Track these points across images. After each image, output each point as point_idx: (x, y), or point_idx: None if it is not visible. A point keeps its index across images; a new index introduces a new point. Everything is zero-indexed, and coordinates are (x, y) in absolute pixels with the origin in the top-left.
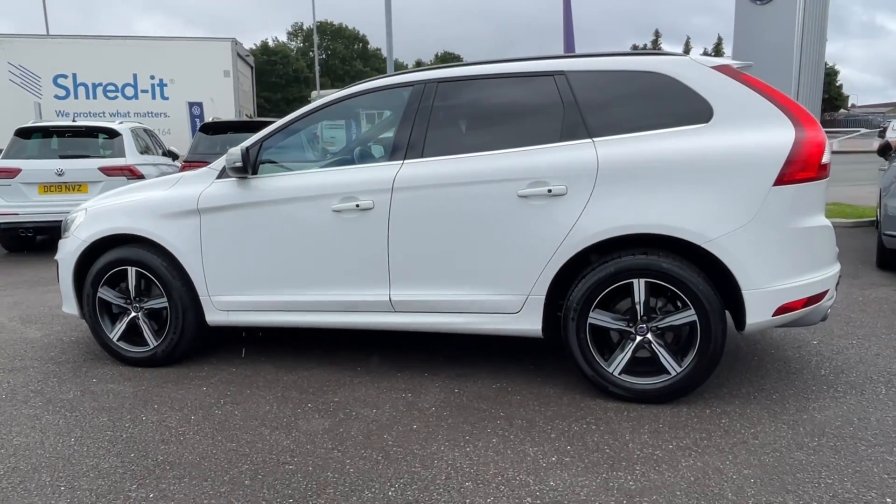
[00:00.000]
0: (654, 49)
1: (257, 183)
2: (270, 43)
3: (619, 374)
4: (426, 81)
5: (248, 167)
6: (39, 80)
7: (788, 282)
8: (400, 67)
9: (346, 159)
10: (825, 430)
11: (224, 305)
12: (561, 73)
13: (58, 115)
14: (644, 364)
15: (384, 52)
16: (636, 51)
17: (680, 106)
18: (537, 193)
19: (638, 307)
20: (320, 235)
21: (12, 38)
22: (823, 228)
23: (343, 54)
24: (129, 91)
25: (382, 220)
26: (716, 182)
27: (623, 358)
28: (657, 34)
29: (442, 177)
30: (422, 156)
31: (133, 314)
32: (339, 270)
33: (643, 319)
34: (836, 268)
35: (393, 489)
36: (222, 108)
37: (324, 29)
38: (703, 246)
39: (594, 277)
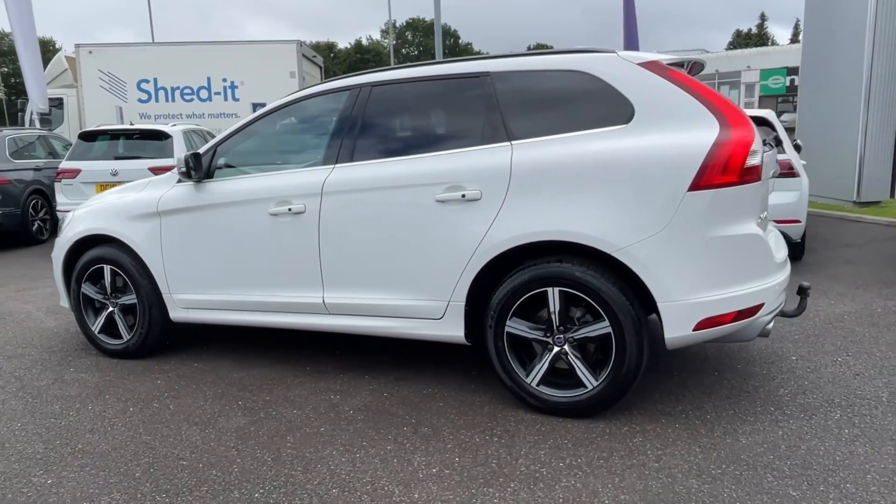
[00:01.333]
0: (759, 32)
1: (208, 187)
2: (364, 41)
3: (537, 385)
4: (361, 85)
5: (192, 172)
6: (125, 85)
7: (710, 294)
8: None
9: (289, 163)
10: (740, 457)
11: (183, 303)
12: (486, 74)
13: (140, 118)
14: (565, 376)
15: (475, 46)
16: (565, 48)
17: (601, 106)
18: (453, 198)
19: (553, 317)
20: (260, 238)
21: (102, 48)
22: (750, 237)
23: (433, 51)
24: (204, 94)
25: (313, 224)
26: (628, 187)
27: (540, 369)
28: (763, 17)
29: (367, 181)
30: (352, 160)
31: (110, 309)
32: (278, 272)
33: (559, 330)
34: (776, 280)
35: (261, 491)
36: None
37: (416, 25)
38: (613, 255)
39: (510, 285)
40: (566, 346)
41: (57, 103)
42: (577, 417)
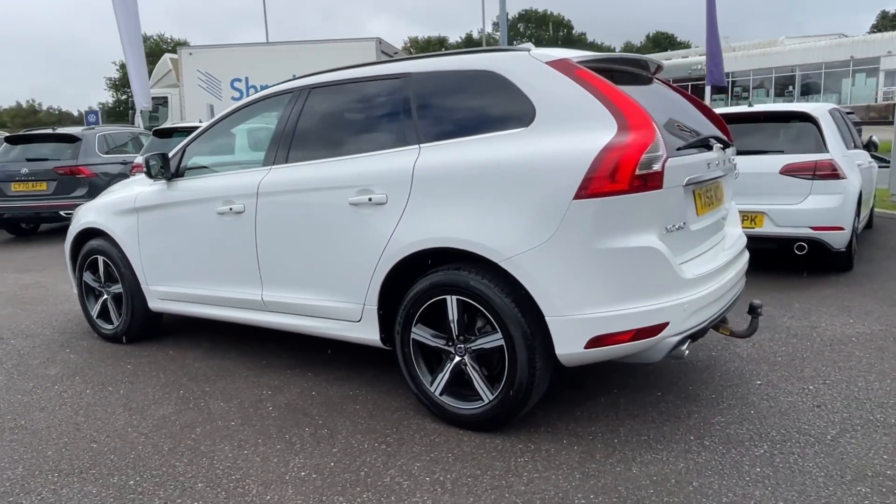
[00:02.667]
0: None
1: (177, 185)
2: (475, 35)
3: (440, 394)
4: (300, 88)
5: (152, 172)
6: (220, 83)
7: (602, 311)
8: (607, 52)
9: (241, 163)
10: (616, 488)
11: (158, 294)
12: (406, 75)
13: None
14: (469, 387)
15: (590, 37)
16: (480, 48)
17: (506, 108)
18: (362, 202)
19: (452, 325)
20: (211, 235)
21: (201, 49)
22: (645, 250)
23: (547, 42)
24: None
25: (251, 224)
26: (518, 194)
27: (442, 378)
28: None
29: (294, 183)
30: (286, 162)
31: (105, 296)
32: (226, 269)
33: (459, 339)
34: (683, 297)
35: (136, 479)
36: None
37: (528, 17)
38: (501, 264)
39: (413, 291)
40: (466, 357)
41: (162, 101)
42: (476, 430)
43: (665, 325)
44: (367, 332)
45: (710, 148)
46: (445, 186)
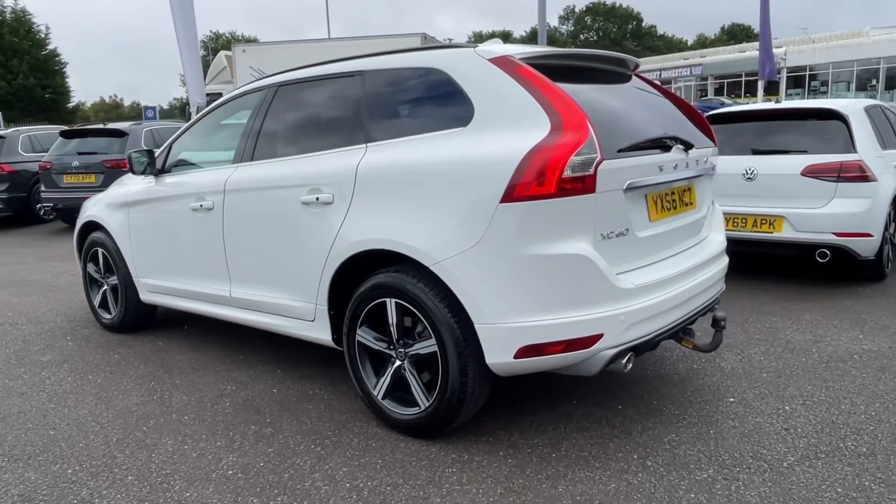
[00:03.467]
0: None
1: (163, 181)
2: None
3: (382, 398)
4: (269, 86)
5: (134, 169)
6: None
7: (531, 320)
8: (677, 45)
9: (216, 160)
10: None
11: (146, 287)
12: (360, 73)
13: None
14: (410, 392)
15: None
16: (429, 45)
17: (448, 106)
18: (311, 201)
19: (392, 329)
20: (187, 230)
21: (254, 46)
22: (575, 258)
23: (615, 35)
24: None
25: (219, 221)
26: (449, 196)
27: (384, 382)
28: None
29: (255, 181)
30: (252, 159)
31: (105, 287)
32: (200, 263)
33: (399, 344)
34: (619, 308)
35: (75, 468)
36: None
37: (595, 10)
38: (431, 268)
39: (357, 293)
40: (405, 362)
41: (217, 97)
42: (415, 437)
43: (599, 336)
44: (321, 332)
45: (666, 149)
46: (384, 187)
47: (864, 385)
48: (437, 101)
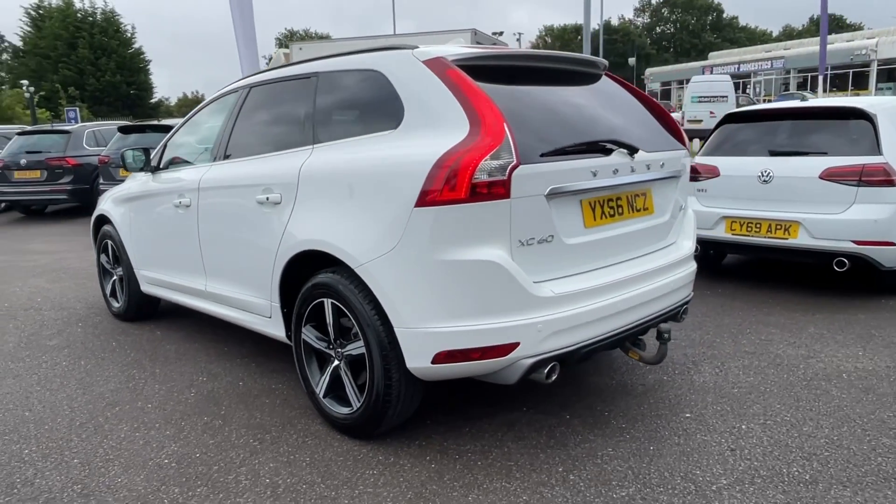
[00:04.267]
0: None
1: (158, 177)
2: (614, 21)
3: (323, 396)
4: (244, 86)
5: (126, 165)
6: None
7: (447, 325)
8: (760, 37)
9: (200, 159)
10: None
11: (144, 278)
12: (315, 74)
13: None
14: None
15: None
16: (374, 47)
17: (383, 109)
18: (263, 200)
19: (329, 329)
20: (171, 226)
21: (310, 43)
22: (487, 264)
23: (693, 26)
24: None
25: (195, 217)
26: (373, 199)
27: (324, 381)
28: None
29: (222, 180)
30: (224, 158)
31: (114, 277)
32: (183, 258)
33: (336, 343)
34: (537, 317)
35: (30, 449)
36: None
37: (673, 1)
38: (356, 270)
39: (301, 292)
40: (342, 362)
41: None
42: (351, 437)
43: (515, 345)
44: (276, 329)
45: (606, 153)
46: (320, 189)
47: (839, 406)
48: (375, 103)
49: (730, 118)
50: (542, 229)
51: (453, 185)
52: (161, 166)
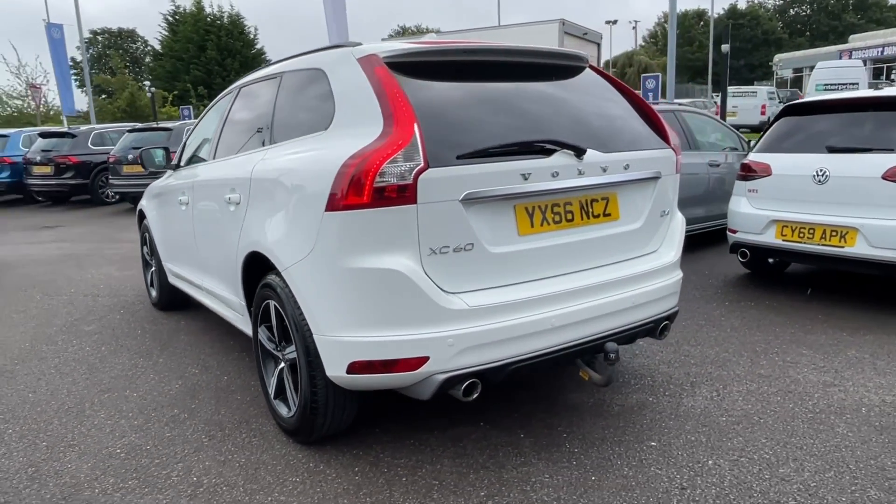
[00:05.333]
0: None
1: (175, 175)
2: (741, 5)
3: (274, 397)
4: (236, 87)
5: (143, 164)
6: None
7: (360, 335)
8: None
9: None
10: None
11: (169, 271)
12: (280, 75)
13: None
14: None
15: None
16: (326, 46)
17: (319, 109)
18: (227, 200)
19: (274, 331)
20: (179, 222)
21: (392, 40)
22: (391, 273)
23: (832, 7)
24: None
25: (191, 214)
26: (296, 203)
27: (273, 381)
28: None
29: (206, 179)
30: (214, 158)
31: (152, 268)
32: (188, 253)
33: (280, 346)
34: (448, 330)
35: (13, 429)
36: None
37: None
38: (283, 274)
39: (255, 293)
40: (285, 364)
41: None
42: (293, 441)
43: (424, 359)
44: (247, 326)
45: (545, 154)
46: (264, 190)
47: (837, 446)
48: (315, 102)
49: (790, 110)
50: (458, 237)
51: (357, 190)
52: (181, 164)
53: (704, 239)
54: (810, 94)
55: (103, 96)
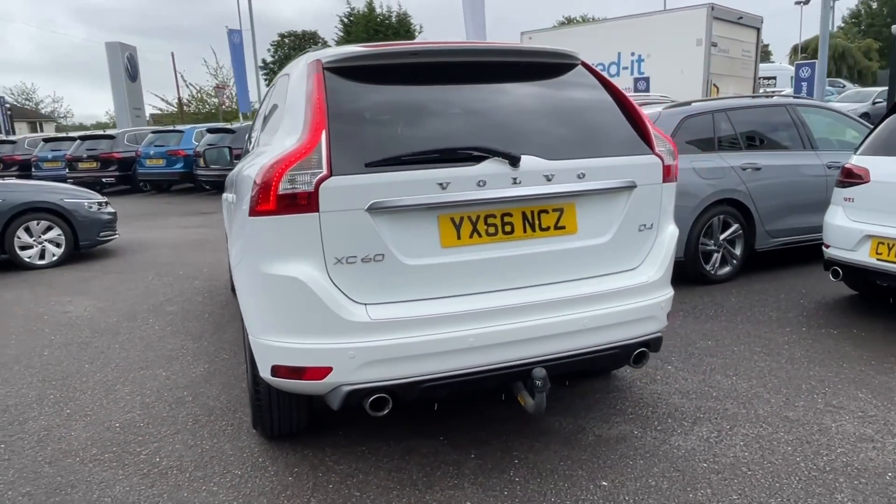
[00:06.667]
0: None
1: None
2: None
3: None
4: (271, 85)
5: (206, 161)
6: None
7: (275, 340)
8: None
9: None
10: None
11: None
12: (287, 75)
13: None
14: None
15: None
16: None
17: (278, 113)
18: (229, 199)
19: None
20: (229, 216)
21: (540, 33)
22: (291, 281)
23: None
24: (613, 69)
25: (226, 207)
26: (237, 206)
27: (248, 375)
28: None
29: (231, 176)
30: (248, 154)
31: None
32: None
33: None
34: (351, 342)
35: (24, 390)
36: (690, 80)
37: None
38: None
39: None
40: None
41: None
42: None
43: (328, 370)
44: None
45: (474, 161)
46: (237, 192)
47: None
48: (279, 107)
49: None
50: (366, 247)
51: (265, 196)
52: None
53: (817, 251)
54: None
55: None
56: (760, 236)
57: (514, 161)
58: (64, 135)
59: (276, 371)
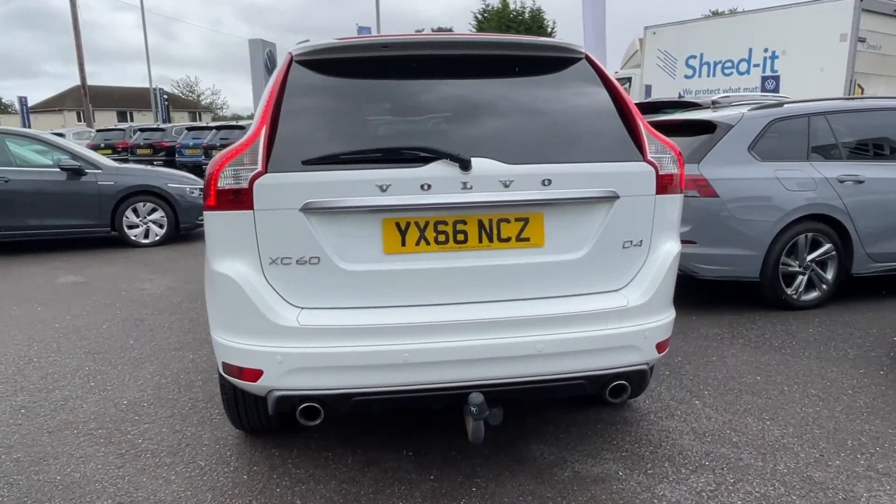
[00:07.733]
0: None
1: None
2: None
3: None
4: None
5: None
6: (676, 62)
7: (220, 337)
8: None
9: None
10: None
11: None
12: None
13: (680, 95)
14: None
15: None
16: None
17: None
18: None
19: None
20: None
21: (663, 27)
22: (223, 278)
23: None
24: (743, 66)
25: None
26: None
27: None
28: None
29: None
30: None
31: None
32: None
33: None
34: (280, 347)
35: (87, 364)
36: (830, 80)
37: None
38: None
39: None
40: None
41: (626, 83)
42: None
43: (259, 372)
44: None
45: (421, 162)
46: None
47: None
48: None
49: None
50: (300, 248)
51: (209, 191)
52: None
53: None
54: None
55: None
56: (859, 259)
57: (464, 164)
58: (204, 124)
59: (226, 368)
